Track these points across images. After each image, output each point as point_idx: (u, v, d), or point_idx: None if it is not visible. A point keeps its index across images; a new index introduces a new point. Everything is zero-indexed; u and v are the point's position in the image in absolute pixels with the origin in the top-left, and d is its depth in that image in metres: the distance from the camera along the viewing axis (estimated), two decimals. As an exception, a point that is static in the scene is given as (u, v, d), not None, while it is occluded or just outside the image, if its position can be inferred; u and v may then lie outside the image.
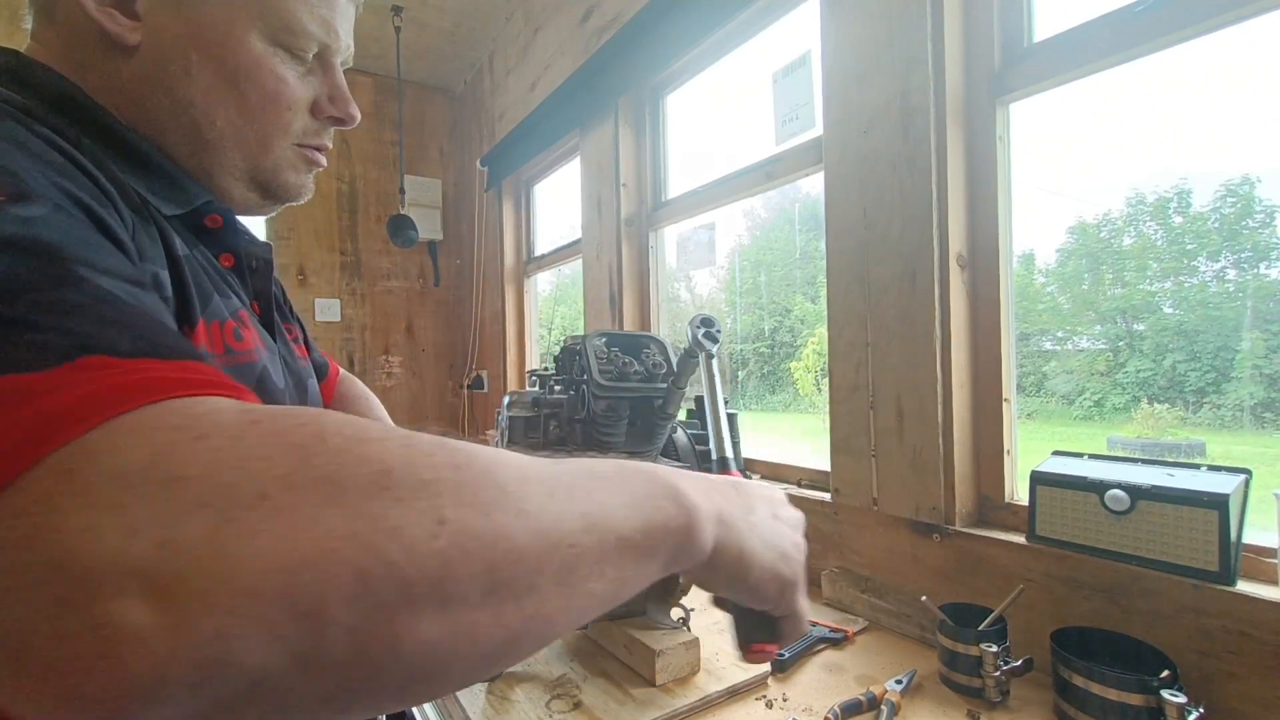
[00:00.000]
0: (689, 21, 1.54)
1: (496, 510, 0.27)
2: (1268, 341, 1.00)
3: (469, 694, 0.85)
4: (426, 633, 0.24)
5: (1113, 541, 0.83)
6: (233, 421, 0.24)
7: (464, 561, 0.25)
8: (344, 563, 0.22)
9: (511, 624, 0.27)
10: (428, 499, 0.25)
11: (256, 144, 0.54)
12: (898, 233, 1.07)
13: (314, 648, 0.22)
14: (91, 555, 0.20)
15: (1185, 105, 1.00)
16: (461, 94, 3.25)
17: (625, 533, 0.31)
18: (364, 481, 0.24)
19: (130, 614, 0.20)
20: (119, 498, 0.21)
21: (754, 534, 0.39)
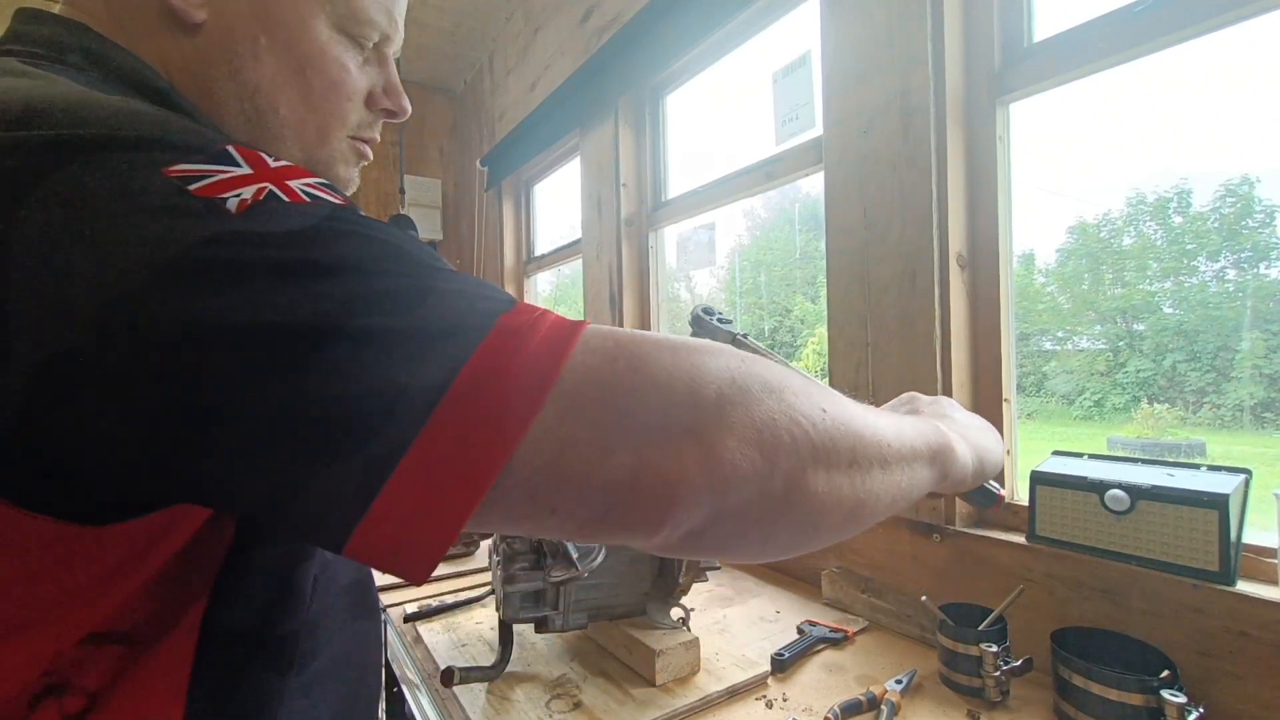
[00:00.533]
0: (689, 21, 1.54)
1: (846, 411, 0.38)
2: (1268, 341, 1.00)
3: (469, 694, 0.85)
4: (818, 484, 0.36)
5: (1113, 541, 0.83)
6: (693, 345, 0.36)
7: (838, 438, 0.37)
8: (783, 430, 0.34)
9: (859, 491, 0.38)
10: (808, 397, 0.36)
11: (315, 135, 0.52)
12: (898, 233, 1.07)
13: (764, 489, 0.33)
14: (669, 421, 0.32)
15: (1185, 105, 1.00)
16: (461, 94, 3.25)
17: (918, 445, 0.44)
18: (775, 384, 0.35)
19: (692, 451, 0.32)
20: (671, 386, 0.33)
21: (982, 441, 0.55)
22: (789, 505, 0.35)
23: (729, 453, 0.32)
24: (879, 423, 0.41)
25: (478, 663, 0.92)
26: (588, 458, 0.30)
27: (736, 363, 0.35)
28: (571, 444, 0.30)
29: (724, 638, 1.01)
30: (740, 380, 0.34)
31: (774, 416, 0.34)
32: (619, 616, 0.92)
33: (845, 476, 0.37)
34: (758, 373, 0.35)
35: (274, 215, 0.30)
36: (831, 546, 1.21)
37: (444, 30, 2.74)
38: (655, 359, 0.33)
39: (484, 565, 1.36)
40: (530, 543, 0.83)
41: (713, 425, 0.32)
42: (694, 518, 0.33)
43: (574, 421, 0.30)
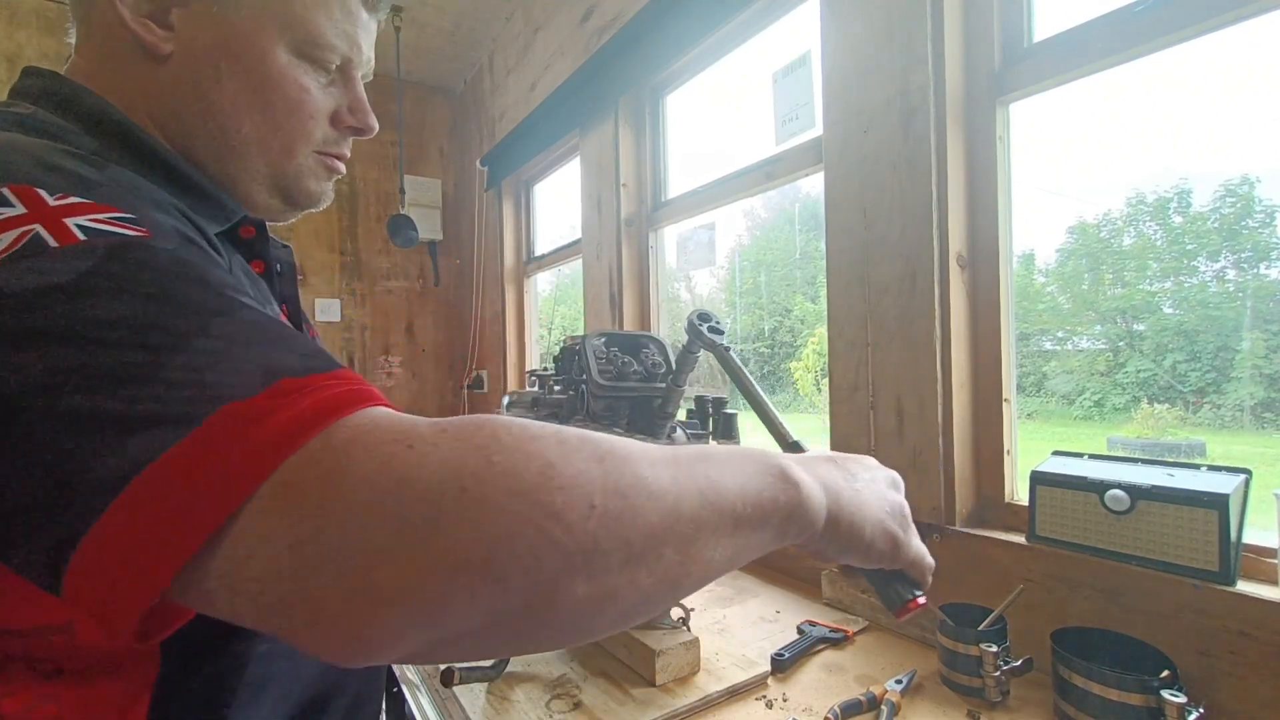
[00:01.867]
0: (689, 22, 1.54)
1: (632, 494, 0.32)
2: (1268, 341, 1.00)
3: (469, 694, 0.85)
4: (579, 594, 0.30)
5: (1113, 541, 0.83)
6: (429, 431, 0.30)
7: (608, 537, 0.30)
8: (521, 541, 0.28)
9: (643, 586, 0.32)
10: (582, 486, 0.30)
11: (280, 150, 0.56)
12: (898, 233, 1.07)
13: (500, 606, 0.29)
14: (355, 543, 0.27)
15: (1185, 105, 1.00)
16: (461, 94, 3.25)
17: (738, 508, 0.36)
18: (534, 474, 0.29)
19: (387, 581, 0.27)
20: (367, 499, 0.28)
21: (858, 499, 0.44)
22: (540, 619, 0.30)
23: (434, 588, 0.27)
24: (682, 498, 0.34)
25: (477, 663, 0.92)
26: (266, 582, 0.27)
27: (480, 461, 0.29)
28: (276, 532, 0.27)
29: (724, 638, 1.01)
30: (475, 488, 0.28)
31: (511, 533, 0.28)
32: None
33: (621, 575, 0.31)
34: (510, 469, 0.29)
35: (24, 270, 0.30)
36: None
37: (444, 30, 2.74)
38: (363, 468, 0.28)
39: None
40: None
41: (416, 559, 0.27)
42: (400, 649, 0.29)
43: (261, 534, 0.27)
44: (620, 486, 0.32)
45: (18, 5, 2.33)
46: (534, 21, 2.42)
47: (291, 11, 0.53)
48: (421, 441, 0.29)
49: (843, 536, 0.43)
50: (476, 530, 0.28)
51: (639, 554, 0.32)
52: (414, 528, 0.27)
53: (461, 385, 3.20)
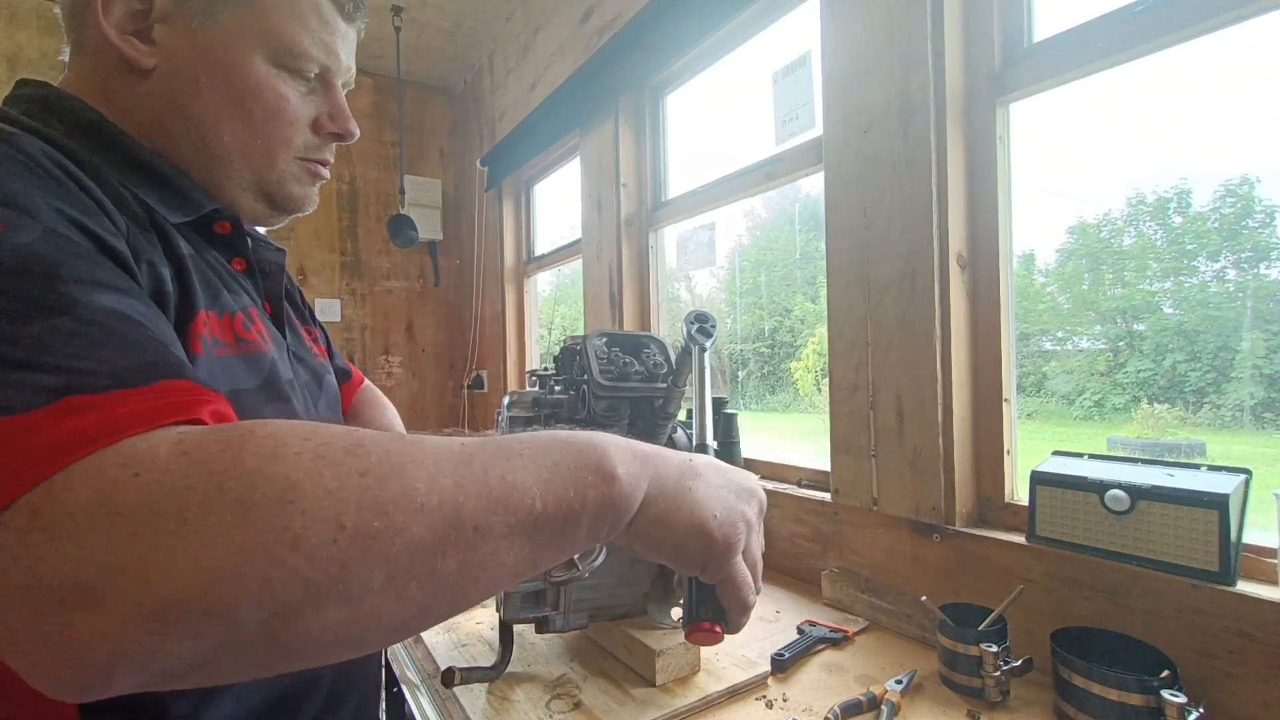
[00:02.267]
0: (689, 22, 1.54)
1: (395, 510, 0.30)
2: (1268, 341, 1.00)
3: (469, 694, 0.85)
4: (331, 619, 0.29)
5: (1113, 541, 0.83)
6: (165, 455, 0.28)
7: (361, 559, 0.29)
8: (249, 573, 0.27)
9: (416, 600, 0.31)
10: (330, 507, 0.28)
11: (261, 157, 0.58)
12: (898, 233, 1.07)
13: (231, 638, 0.27)
14: (54, 578, 0.26)
15: (1185, 105, 1.00)
16: (461, 94, 3.25)
17: (537, 509, 0.34)
18: (272, 498, 0.28)
19: (85, 621, 0.26)
20: (73, 530, 0.26)
21: (684, 499, 0.41)
22: (285, 646, 0.29)
23: (143, 624, 0.26)
24: (464, 505, 0.32)
25: (477, 663, 0.92)
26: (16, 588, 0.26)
27: (210, 488, 0.27)
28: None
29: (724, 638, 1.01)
30: (198, 519, 0.27)
31: (237, 563, 0.26)
32: (619, 617, 0.92)
33: (385, 594, 0.30)
34: (243, 496, 0.27)
35: None
36: (831, 546, 1.21)
37: (444, 30, 2.74)
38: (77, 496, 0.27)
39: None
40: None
41: (119, 590, 0.25)
42: (115, 686, 0.27)
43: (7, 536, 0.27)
44: (381, 502, 0.29)
45: (18, 6, 2.33)
46: (534, 21, 2.42)
47: (268, 23, 0.55)
48: (151, 468, 0.27)
49: (645, 534, 0.40)
50: (194, 564, 0.26)
51: (405, 569, 0.30)
52: (118, 565, 0.26)
53: (461, 385, 3.20)
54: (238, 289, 0.59)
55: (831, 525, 1.21)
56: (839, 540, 1.20)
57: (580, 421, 0.97)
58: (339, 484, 0.29)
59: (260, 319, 0.60)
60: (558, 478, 0.35)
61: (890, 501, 1.09)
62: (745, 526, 0.45)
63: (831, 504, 1.21)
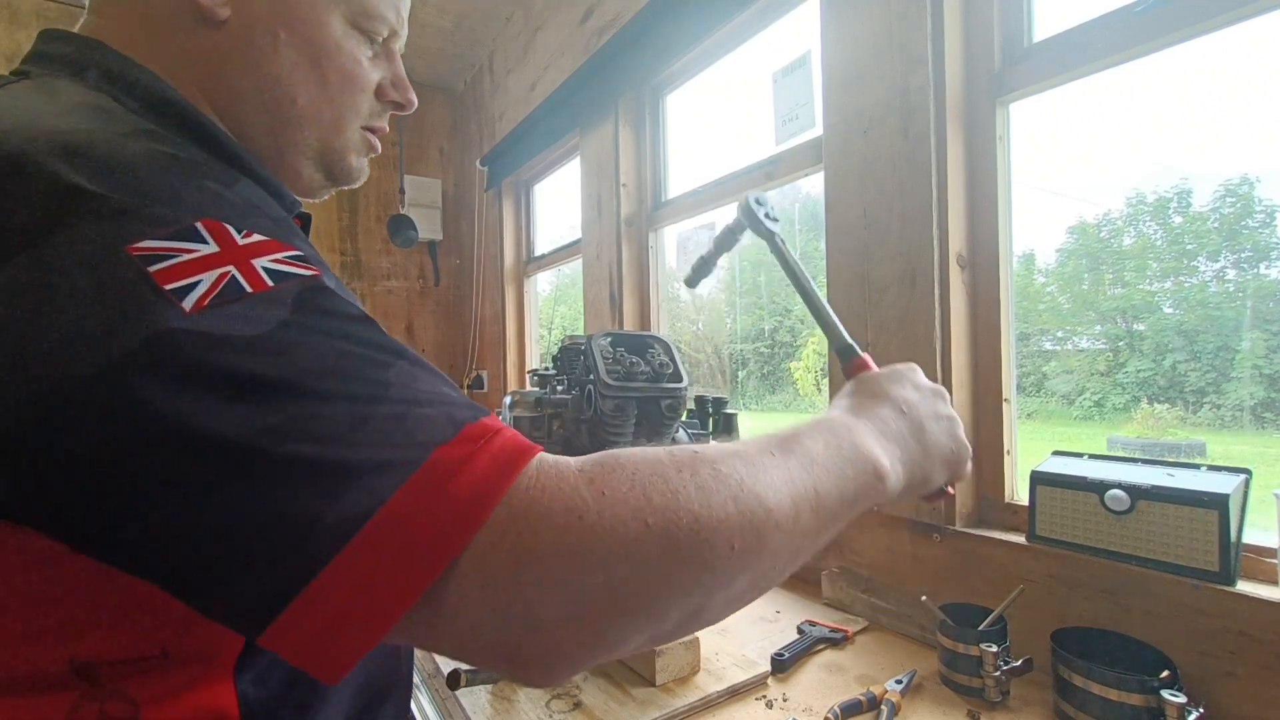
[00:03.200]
0: (689, 22, 1.54)
1: (764, 531, 0.36)
2: (1268, 341, 1.00)
3: (470, 694, 0.85)
4: (717, 607, 0.37)
5: (1113, 541, 0.83)
6: (590, 496, 0.33)
7: (743, 570, 0.36)
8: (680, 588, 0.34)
9: (761, 587, 0.39)
10: (723, 535, 0.34)
11: (332, 123, 0.55)
12: (898, 233, 1.07)
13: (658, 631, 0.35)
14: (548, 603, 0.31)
15: (1185, 105, 1.00)
16: (461, 94, 3.25)
17: (838, 512, 0.42)
18: (685, 532, 0.33)
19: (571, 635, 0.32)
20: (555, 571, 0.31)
21: (928, 459, 0.51)
22: (685, 630, 0.37)
23: (614, 633, 0.33)
24: (799, 518, 0.39)
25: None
26: (466, 636, 0.31)
27: (638, 527, 0.33)
28: (477, 599, 0.31)
29: (724, 638, 1.01)
30: (637, 552, 0.32)
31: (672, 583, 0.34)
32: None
33: (750, 588, 0.38)
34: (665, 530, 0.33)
35: (227, 316, 0.30)
36: (831, 546, 1.21)
37: (444, 30, 2.74)
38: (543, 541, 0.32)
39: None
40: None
41: (596, 613, 0.32)
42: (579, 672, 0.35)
43: (464, 596, 0.31)
44: (754, 525, 0.36)
45: (18, 5, 2.34)
46: (534, 21, 2.42)
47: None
48: (588, 511, 0.32)
49: (910, 494, 0.51)
50: (643, 587, 0.32)
51: (765, 572, 0.38)
52: (590, 595, 0.31)
53: (461, 385, 3.20)
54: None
55: (831, 525, 1.21)
56: (839, 540, 1.20)
57: (586, 421, 0.97)
58: (724, 513, 0.35)
59: None
60: (849, 485, 0.43)
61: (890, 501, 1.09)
62: (964, 436, 0.55)
63: (831, 504, 1.20)
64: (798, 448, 0.42)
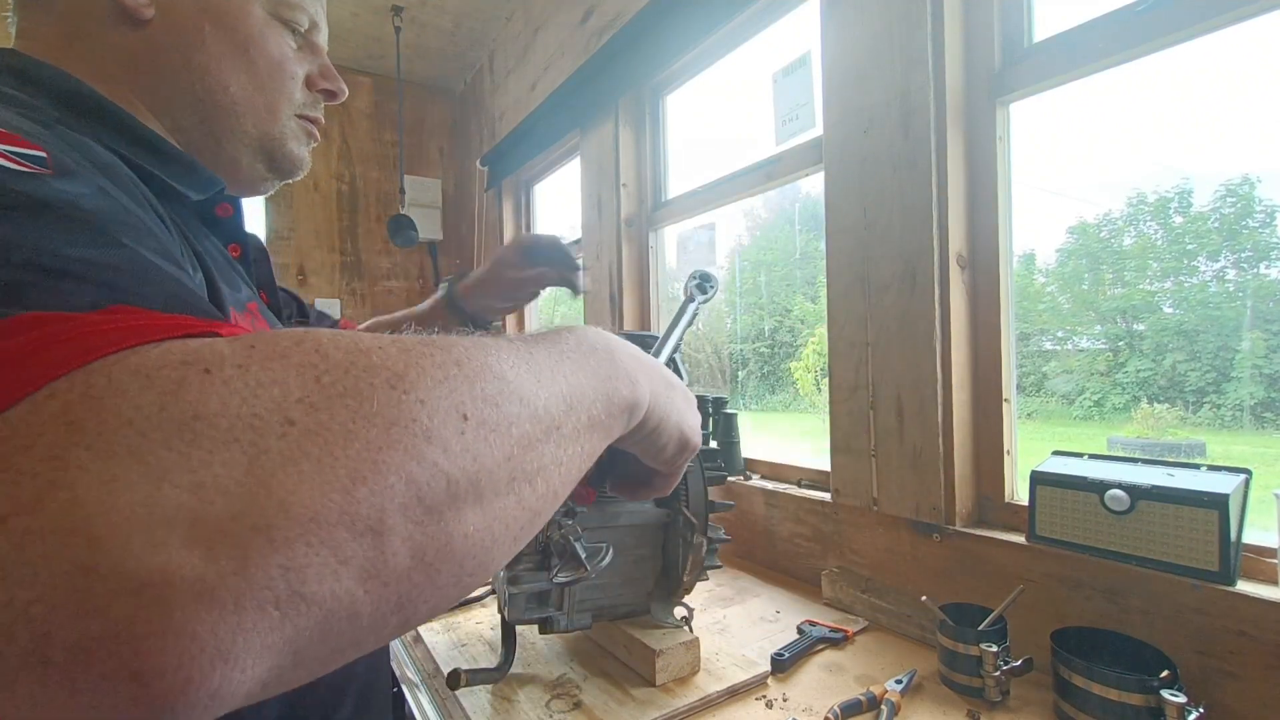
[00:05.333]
0: (689, 22, 1.54)
1: (504, 401, 0.27)
2: (1268, 341, 1.00)
3: (470, 694, 0.85)
4: (470, 526, 0.25)
5: (1113, 541, 0.83)
6: (233, 351, 0.22)
7: (489, 453, 0.26)
8: (393, 472, 0.22)
9: (529, 504, 0.29)
10: (446, 396, 0.25)
11: (265, 110, 0.58)
12: (898, 233, 1.07)
13: (378, 562, 0.22)
14: (117, 509, 0.17)
15: (1185, 105, 1.00)
16: (461, 94, 3.25)
17: (595, 413, 0.34)
18: (382, 389, 0.23)
19: (179, 567, 0.17)
20: (136, 444, 0.19)
21: (670, 407, 0.44)
22: (431, 571, 0.24)
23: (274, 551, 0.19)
24: (550, 403, 0.30)
25: (478, 663, 0.92)
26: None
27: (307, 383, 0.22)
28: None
29: (724, 638, 1.01)
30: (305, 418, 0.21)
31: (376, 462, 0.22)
32: (623, 616, 0.92)
33: (509, 495, 0.27)
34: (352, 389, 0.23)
35: None
36: (831, 546, 1.21)
37: (444, 30, 2.74)
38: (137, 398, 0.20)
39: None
40: (535, 543, 0.83)
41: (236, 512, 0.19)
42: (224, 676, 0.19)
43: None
44: (490, 394, 0.27)
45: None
46: (534, 21, 2.42)
47: None
48: (222, 363, 0.21)
49: (645, 436, 0.42)
50: (322, 469, 0.21)
51: (520, 468, 0.28)
52: (224, 483, 0.19)
53: (461, 385, 3.19)
54: (237, 281, 0.56)
55: (831, 525, 1.21)
56: (839, 540, 1.20)
57: None
58: (444, 374, 0.26)
59: (261, 313, 0.58)
60: (604, 384, 0.35)
61: (890, 501, 1.09)
62: (698, 435, 0.48)
63: (831, 504, 1.21)
64: (541, 342, 0.34)
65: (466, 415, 0.25)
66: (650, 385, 0.41)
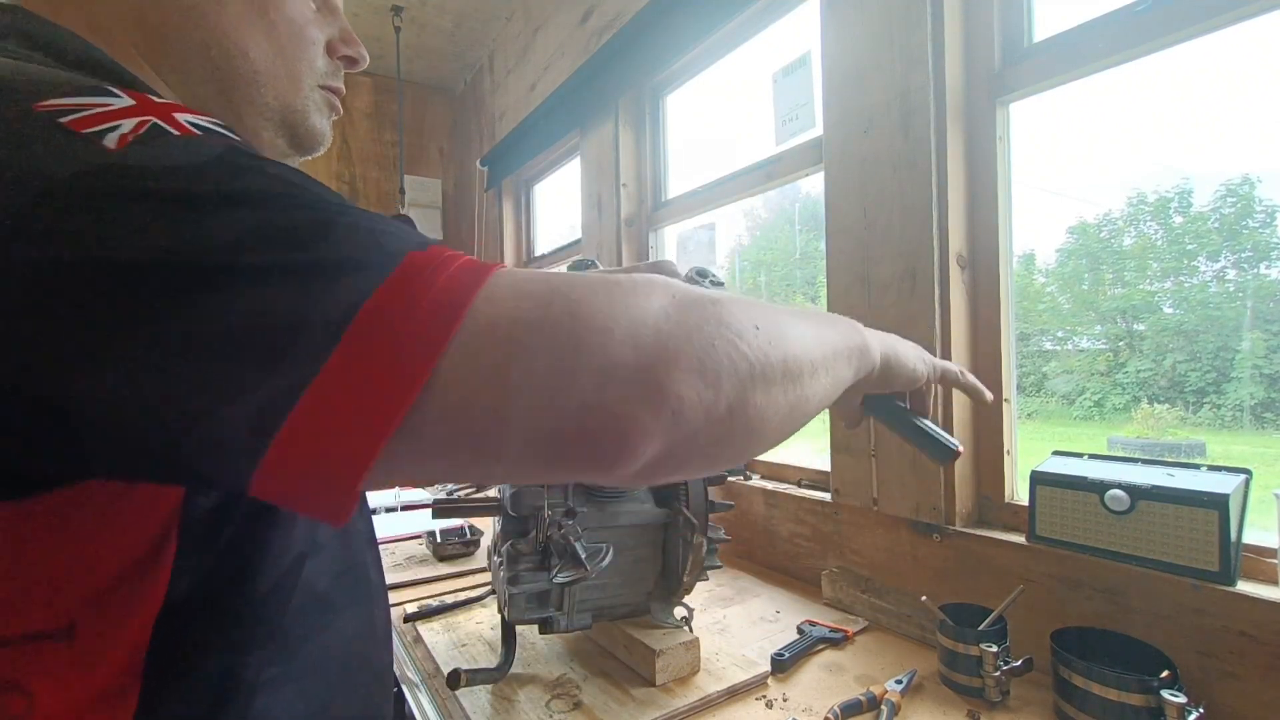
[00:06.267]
0: (689, 22, 1.54)
1: (777, 324, 0.39)
2: (1268, 341, 1.00)
3: (470, 694, 0.85)
4: (759, 401, 0.36)
5: (1113, 541, 0.83)
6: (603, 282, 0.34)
7: (772, 353, 0.37)
8: (722, 354, 0.34)
9: (793, 400, 0.39)
10: (742, 316, 0.36)
11: (287, 79, 0.53)
12: (898, 233, 1.07)
13: (713, 406, 0.33)
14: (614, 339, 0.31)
15: (1185, 105, 1.00)
16: (461, 94, 3.25)
17: (839, 347, 0.46)
18: (704, 302, 0.35)
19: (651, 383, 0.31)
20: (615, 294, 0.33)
21: (897, 347, 0.59)
22: (734, 424, 0.35)
23: (675, 388, 0.32)
24: (806, 332, 0.42)
25: (477, 663, 0.92)
26: (519, 401, 0.29)
27: (668, 298, 0.34)
28: (496, 384, 0.29)
29: (724, 638, 1.01)
30: (676, 314, 0.34)
31: (712, 343, 0.34)
32: (622, 616, 0.92)
33: (780, 389, 0.38)
34: (692, 301, 0.35)
35: (158, 150, 0.28)
36: (831, 546, 1.21)
37: (444, 30, 2.74)
38: (590, 302, 0.32)
39: (484, 565, 1.36)
40: (535, 543, 0.83)
41: (657, 365, 0.32)
42: (649, 453, 0.32)
43: (491, 361, 0.29)
44: (766, 316, 0.38)
45: (18, 5, 2.33)
46: (534, 21, 2.42)
47: None
48: (614, 287, 0.34)
49: (892, 369, 0.57)
50: (689, 345, 0.33)
51: (792, 371, 0.39)
52: (646, 347, 0.31)
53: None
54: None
55: (831, 525, 1.21)
56: (839, 540, 1.20)
57: None
58: (738, 306, 0.37)
59: None
60: (841, 331, 0.48)
61: (890, 501, 1.09)
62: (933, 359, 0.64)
63: (832, 504, 1.21)
64: (785, 306, 0.46)
65: (757, 325, 0.37)
66: (876, 337, 0.56)
